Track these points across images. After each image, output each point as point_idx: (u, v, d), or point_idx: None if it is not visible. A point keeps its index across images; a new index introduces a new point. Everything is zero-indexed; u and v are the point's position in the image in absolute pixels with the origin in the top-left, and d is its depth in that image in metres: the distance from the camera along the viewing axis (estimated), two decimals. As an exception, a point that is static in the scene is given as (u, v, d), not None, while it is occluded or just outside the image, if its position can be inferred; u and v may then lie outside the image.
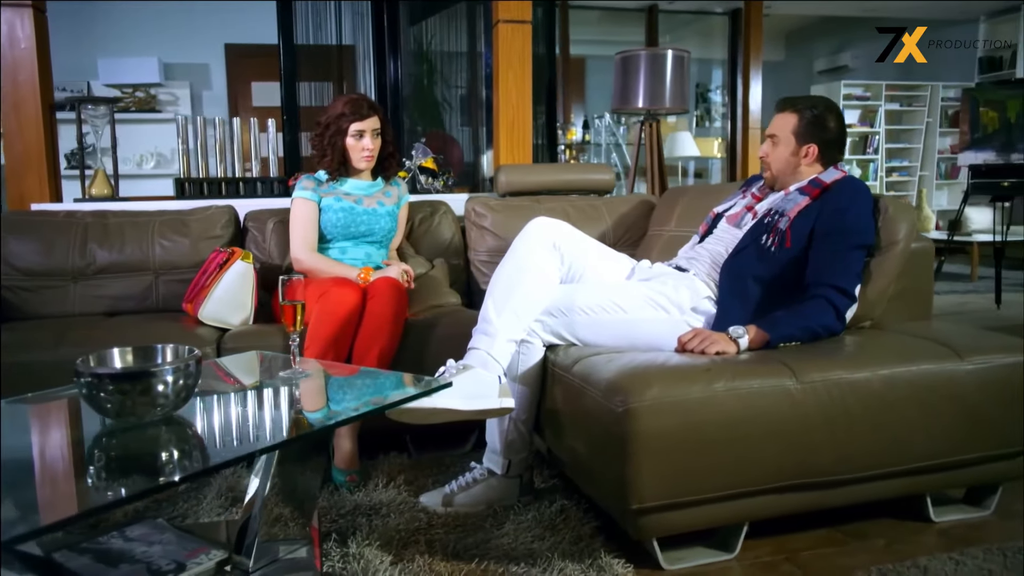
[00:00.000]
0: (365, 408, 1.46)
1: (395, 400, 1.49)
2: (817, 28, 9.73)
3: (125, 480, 1.20)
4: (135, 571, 1.52)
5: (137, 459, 1.29)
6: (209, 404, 1.51)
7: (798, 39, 10.28)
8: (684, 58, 3.62)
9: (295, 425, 1.42)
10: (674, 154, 7.59)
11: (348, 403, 1.64)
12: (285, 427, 1.43)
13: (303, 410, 1.55)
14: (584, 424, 1.70)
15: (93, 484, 1.17)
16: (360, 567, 1.64)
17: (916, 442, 1.73)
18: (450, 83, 6.21)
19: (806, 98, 2.15)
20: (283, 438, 1.32)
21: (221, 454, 1.26)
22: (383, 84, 5.39)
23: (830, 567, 1.68)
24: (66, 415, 1.48)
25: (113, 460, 1.29)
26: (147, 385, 1.30)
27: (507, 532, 1.82)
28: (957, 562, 1.63)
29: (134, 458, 1.29)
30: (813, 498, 1.72)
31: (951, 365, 1.75)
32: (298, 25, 5.37)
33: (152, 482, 1.15)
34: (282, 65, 4.31)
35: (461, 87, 6.24)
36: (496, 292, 1.88)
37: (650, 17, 7.87)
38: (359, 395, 1.68)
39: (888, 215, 1.99)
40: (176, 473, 1.19)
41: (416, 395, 1.54)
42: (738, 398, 1.60)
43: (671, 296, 1.96)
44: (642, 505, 1.56)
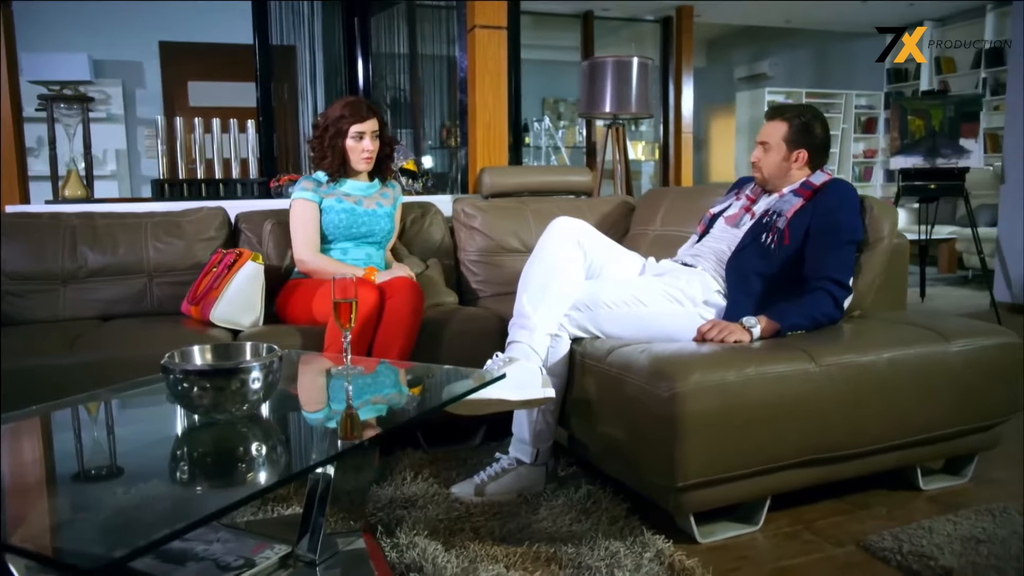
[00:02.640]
0: (442, 400, 1.53)
1: (464, 391, 1.56)
2: (737, 37, 10.19)
3: (247, 476, 1.23)
4: (204, 568, 1.54)
5: (240, 456, 1.32)
6: (291, 400, 1.54)
7: (719, 47, 10.74)
8: (648, 65, 3.79)
9: (391, 418, 1.47)
10: (609, 157, 7.82)
11: (417, 397, 1.71)
12: (376, 421, 1.49)
13: (391, 402, 1.60)
14: (624, 410, 1.81)
15: (221, 480, 1.20)
16: (418, 555, 1.70)
17: (913, 417, 1.92)
18: (388, 84, 6.24)
19: (794, 107, 2.33)
20: (377, 431, 1.37)
21: (326, 449, 1.31)
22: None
23: (844, 533, 1.84)
24: (151, 413, 1.49)
25: (221, 456, 1.32)
26: (241, 381, 1.34)
27: (544, 517, 1.91)
28: (954, 523, 1.83)
29: (236, 454, 1.32)
30: (826, 472, 1.89)
31: (940, 347, 1.95)
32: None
33: (282, 473, 1.19)
34: (258, 65, 4.24)
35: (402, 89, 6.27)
36: (530, 288, 1.97)
37: (586, 23, 8.09)
38: (425, 389, 1.74)
39: (873, 214, 2.19)
40: (289, 469, 1.24)
41: (478, 387, 1.61)
42: (766, 381, 1.74)
43: (685, 290, 2.10)
44: (687, 482, 1.69)
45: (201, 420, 1.39)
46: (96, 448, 1.41)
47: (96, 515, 1.03)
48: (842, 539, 1.82)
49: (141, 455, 1.36)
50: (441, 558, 1.68)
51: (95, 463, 1.33)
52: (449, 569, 1.64)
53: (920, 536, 1.76)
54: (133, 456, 1.36)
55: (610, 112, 3.82)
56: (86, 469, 1.28)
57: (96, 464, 1.33)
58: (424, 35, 5.98)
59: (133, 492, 1.15)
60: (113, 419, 1.57)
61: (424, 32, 6.00)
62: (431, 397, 1.63)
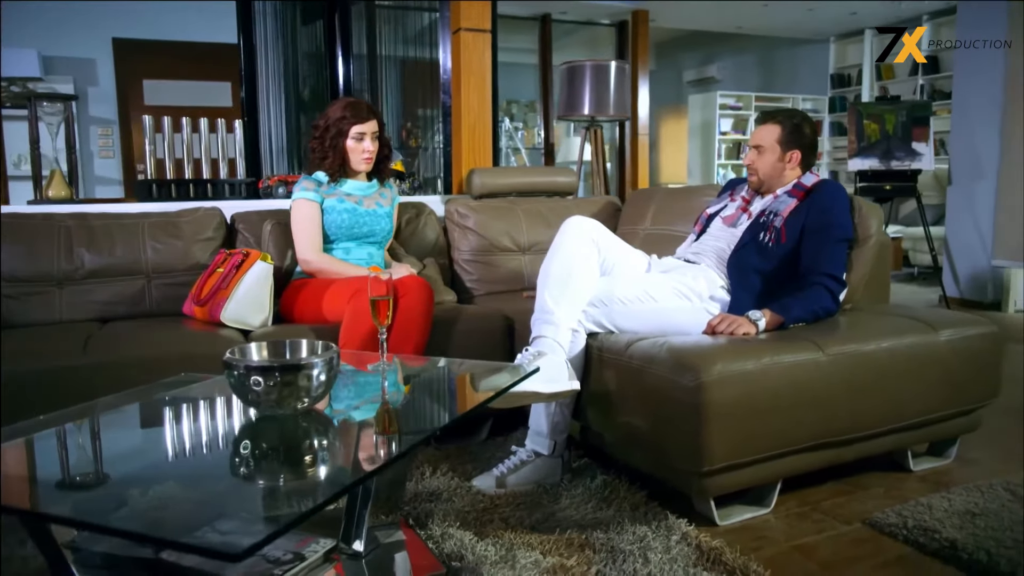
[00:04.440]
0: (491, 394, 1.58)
1: (508, 385, 1.61)
2: (685, 41, 10.45)
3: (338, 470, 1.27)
4: (254, 563, 1.55)
5: (321, 451, 1.36)
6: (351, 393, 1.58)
7: (667, 51, 11.00)
8: (626, 69, 3.90)
9: (461, 405, 1.52)
10: (568, 158, 7.95)
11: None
12: (444, 411, 1.53)
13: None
14: (648, 400, 1.89)
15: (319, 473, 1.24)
16: (455, 545, 1.75)
17: (907, 403, 2.06)
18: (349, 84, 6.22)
19: (784, 111, 2.45)
20: (445, 421, 1.42)
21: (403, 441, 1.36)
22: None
23: (850, 512, 1.97)
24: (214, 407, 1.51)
25: (301, 452, 1.36)
26: (306, 376, 1.37)
27: (567, 506, 1.98)
28: (949, 499, 1.97)
29: (315, 450, 1.36)
30: (831, 455, 2.01)
31: (931, 337, 2.09)
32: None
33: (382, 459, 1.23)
34: (243, 65, 4.19)
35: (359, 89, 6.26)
36: (551, 285, 2.04)
37: (543, 26, 8.19)
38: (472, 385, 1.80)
39: (862, 213, 2.33)
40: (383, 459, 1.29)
41: (519, 380, 1.67)
42: (780, 370, 1.85)
43: (692, 286, 2.20)
44: (712, 467, 1.78)
45: (261, 416, 1.41)
46: (179, 445, 1.43)
47: (215, 508, 1.07)
48: (848, 518, 1.94)
49: (217, 452, 1.39)
50: (479, 547, 1.74)
51: (186, 460, 1.36)
52: (490, 556, 1.70)
53: (921, 512, 1.89)
54: (214, 453, 1.40)
55: (588, 114, 3.91)
56: (180, 465, 1.31)
57: (188, 461, 1.36)
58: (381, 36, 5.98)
59: (233, 486, 1.18)
60: (176, 416, 1.59)
61: (382, 33, 6.01)
62: (478, 392, 1.69)
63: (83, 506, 1.12)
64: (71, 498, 1.16)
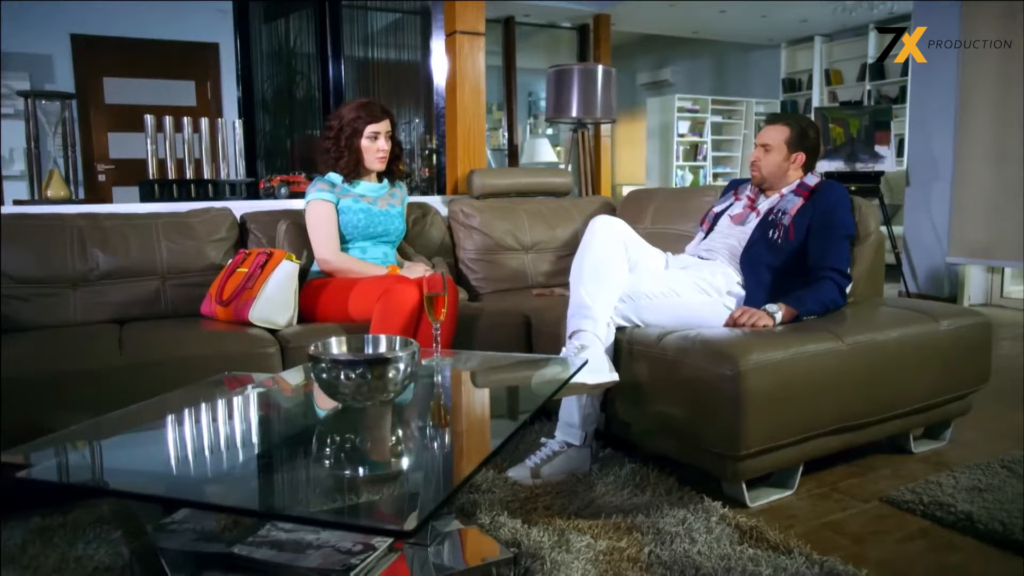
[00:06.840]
0: (555, 386, 1.65)
1: (569, 375, 1.69)
2: (639, 44, 10.67)
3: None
4: (327, 554, 1.58)
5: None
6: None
7: (622, 54, 11.17)
8: (612, 72, 4.01)
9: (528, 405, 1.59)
10: (534, 160, 8.05)
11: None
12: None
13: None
14: (683, 389, 1.99)
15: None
16: (510, 532, 1.81)
17: (914, 388, 2.21)
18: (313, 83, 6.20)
19: (792, 115, 2.60)
20: (538, 405, 1.49)
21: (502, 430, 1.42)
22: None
23: (865, 492, 2.10)
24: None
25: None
26: (395, 369, 1.42)
27: (603, 493, 2.06)
28: (955, 477, 2.12)
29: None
30: (849, 438, 2.14)
31: (933, 326, 2.25)
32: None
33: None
34: (238, 66, 4.14)
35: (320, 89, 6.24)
36: (586, 281, 2.12)
37: (507, 28, 8.27)
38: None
39: (862, 212, 2.48)
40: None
41: (574, 373, 1.75)
42: (806, 358, 1.97)
43: (711, 281, 2.31)
44: (748, 451, 1.89)
45: (347, 408, 1.46)
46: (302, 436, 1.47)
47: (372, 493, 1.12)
48: (866, 496, 2.07)
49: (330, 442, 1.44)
50: (532, 533, 1.80)
51: (323, 450, 1.42)
52: (545, 542, 1.76)
53: (933, 489, 2.03)
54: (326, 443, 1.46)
55: (576, 117, 4.01)
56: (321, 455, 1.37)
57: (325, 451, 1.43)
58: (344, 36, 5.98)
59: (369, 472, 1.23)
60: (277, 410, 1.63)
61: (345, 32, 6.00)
62: (540, 385, 1.76)
63: (245, 496, 1.16)
64: (236, 490, 1.20)
